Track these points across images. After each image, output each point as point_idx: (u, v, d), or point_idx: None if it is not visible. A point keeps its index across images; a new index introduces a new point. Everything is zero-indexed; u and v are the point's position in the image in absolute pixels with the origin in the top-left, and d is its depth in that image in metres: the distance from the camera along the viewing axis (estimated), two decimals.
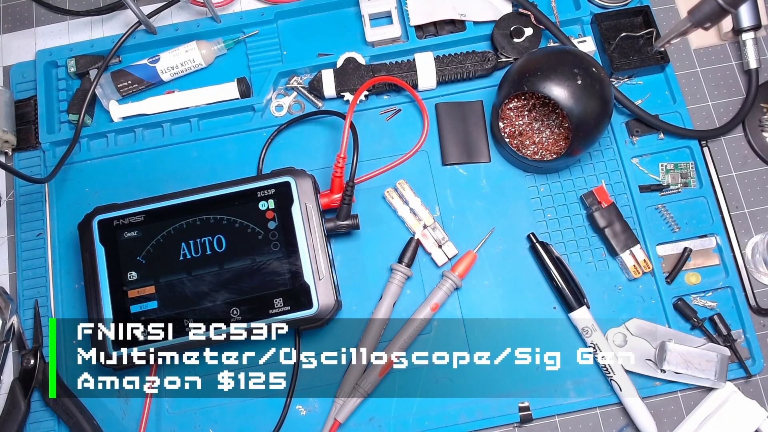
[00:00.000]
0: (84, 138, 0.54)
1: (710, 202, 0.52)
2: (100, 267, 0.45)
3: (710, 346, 0.48)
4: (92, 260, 0.45)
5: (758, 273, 0.51)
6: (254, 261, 0.45)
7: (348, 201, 0.48)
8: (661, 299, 0.50)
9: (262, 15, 0.56)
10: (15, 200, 0.54)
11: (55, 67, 0.57)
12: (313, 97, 0.55)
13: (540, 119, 0.52)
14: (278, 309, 0.44)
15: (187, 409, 0.48)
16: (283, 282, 0.45)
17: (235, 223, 0.46)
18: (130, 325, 0.44)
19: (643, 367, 0.48)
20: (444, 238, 0.50)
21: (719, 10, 0.43)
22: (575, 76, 0.45)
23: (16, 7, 0.60)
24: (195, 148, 0.54)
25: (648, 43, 0.54)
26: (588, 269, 0.51)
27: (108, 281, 0.45)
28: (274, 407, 0.48)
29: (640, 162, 0.53)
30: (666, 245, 0.51)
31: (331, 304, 0.44)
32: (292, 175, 0.47)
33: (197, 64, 0.55)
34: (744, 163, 0.54)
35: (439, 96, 0.54)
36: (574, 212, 0.52)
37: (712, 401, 0.47)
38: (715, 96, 0.55)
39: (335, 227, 0.47)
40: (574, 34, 0.56)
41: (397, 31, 0.55)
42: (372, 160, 0.53)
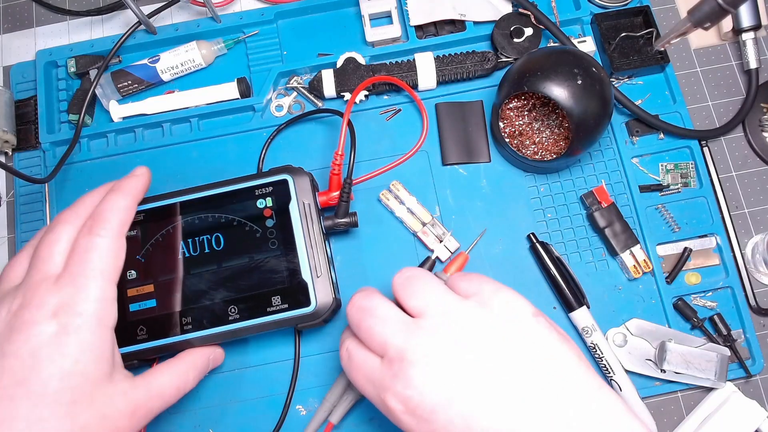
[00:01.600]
0: (84, 138, 0.54)
1: (710, 202, 0.52)
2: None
3: (710, 346, 0.48)
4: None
5: (758, 273, 0.51)
6: (252, 259, 0.45)
7: (346, 198, 0.48)
8: (661, 299, 0.50)
9: (262, 15, 0.56)
10: (15, 200, 0.54)
11: (55, 67, 0.57)
12: (313, 97, 0.55)
13: (540, 119, 0.52)
14: (276, 307, 0.44)
15: (187, 409, 0.48)
16: (281, 280, 0.45)
17: (233, 222, 0.46)
18: (128, 323, 0.44)
19: (643, 367, 0.48)
20: (444, 233, 0.50)
21: (719, 10, 0.43)
22: (575, 76, 0.45)
23: (16, 7, 0.60)
24: (195, 148, 0.54)
25: (648, 43, 0.54)
26: (588, 269, 0.51)
27: None
28: (274, 407, 0.48)
29: (640, 162, 0.53)
30: (666, 245, 0.51)
31: (329, 302, 0.44)
32: (289, 173, 0.47)
33: (197, 64, 0.55)
34: (744, 163, 0.54)
35: (439, 96, 0.54)
36: (574, 212, 0.52)
37: (712, 401, 0.47)
38: (715, 96, 0.55)
39: (334, 225, 0.48)
40: (574, 34, 0.56)
41: (397, 31, 0.55)
42: (372, 160, 0.53)
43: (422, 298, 0.36)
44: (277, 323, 0.44)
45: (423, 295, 0.36)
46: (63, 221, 0.40)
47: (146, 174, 0.44)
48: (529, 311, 0.35)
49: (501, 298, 0.36)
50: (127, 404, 0.38)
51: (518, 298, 0.36)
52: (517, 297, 0.36)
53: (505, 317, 0.35)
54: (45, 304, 0.36)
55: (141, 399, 0.39)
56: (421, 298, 0.36)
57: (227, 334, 0.44)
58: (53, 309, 0.36)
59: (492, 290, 0.36)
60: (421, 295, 0.36)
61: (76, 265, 0.37)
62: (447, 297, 0.36)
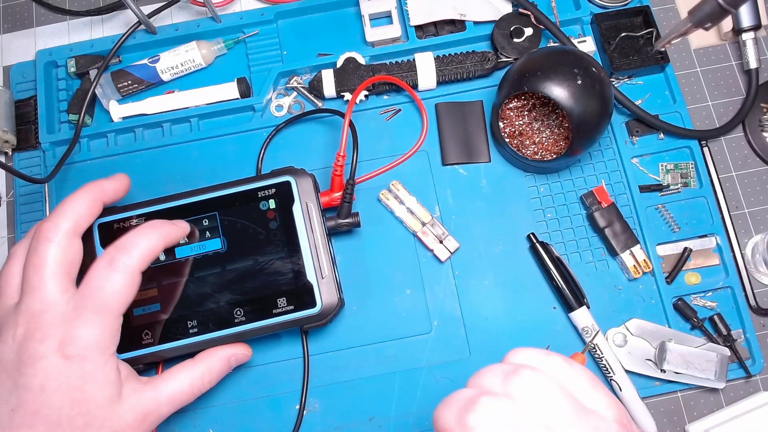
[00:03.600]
0: (84, 138, 0.54)
1: (710, 202, 0.52)
2: None
3: (710, 346, 0.48)
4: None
5: (758, 273, 0.51)
6: (256, 261, 0.45)
7: (349, 199, 0.48)
8: (661, 299, 0.50)
9: (262, 15, 0.56)
10: (15, 200, 0.54)
11: (55, 67, 0.57)
12: (313, 97, 0.55)
13: (540, 119, 0.52)
14: (282, 309, 0.44)
15: (187, 409, 0.48)
16: (286, 281, 0.45)
17: (237, 224, 0.46)
18: (133, 328, 0.44)
19: (643, 367, 0.48)
20: (444, 233, 0.50)
21: (719, 10, 0.43)
22: (575, 76, 0.45)
23: (16, 7, 0.60)
24: (195, 148, 0.54)
25: (648, 43, 0.54)
26: (588, 269, 0.51)
27: None
28: (274, 407, 0.48)
29: (640, 162, 0.53)
30: (666, 245, 0.51)
31: (334, 302, 0.44)
32: (292, 174, 0.47)
33: (197, 64, 0.55)
34: (744, 163, 0.54)
35: (439, 96, 0.54)
36: (574, 212, 0.52)
37: (751, 402, 0.47)
38: (715, 96, 0.55)
39: (336, 225, 0.48)
40: (574, 34, 0.56)
41: (397, 31, 0.55)
42: (372, 160, 0.53)
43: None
44: (283, 325, 0.44)
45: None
46: (45, 240, 0.39)
47: (185, 227, 0.44)
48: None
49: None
50: (137, 415, 0.39)
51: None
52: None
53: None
54: (49, 337, 0.37)
55: (151, 407, 0.40)
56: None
57: (233, 336, 0.44)
58: (58, 342, 0.37)
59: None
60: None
61: (87, 299, 0.37)
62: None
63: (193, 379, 0.42)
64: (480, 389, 0.28)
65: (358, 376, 0.49)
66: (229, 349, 0.44)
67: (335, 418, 0.48)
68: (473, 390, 0.28)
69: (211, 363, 0.43)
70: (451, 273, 0.50)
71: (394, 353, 0.49)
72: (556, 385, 0.27)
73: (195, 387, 0.42)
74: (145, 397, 0.40)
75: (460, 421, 0.26)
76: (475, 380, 0.29)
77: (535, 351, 0.30)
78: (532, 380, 0.27)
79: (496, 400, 0.26)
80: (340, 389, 0.48)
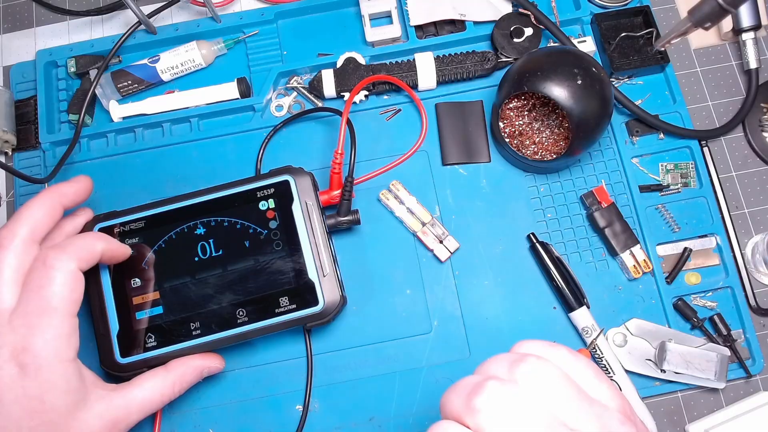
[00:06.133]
0: (84, 138, 0.54)
1: (710, 202, 0.52)
2: (103, 275, 0.45)
3: (710, 346, 0.48)
4: (95, 269, 0.45)
5: (758, 273, 0.51)
6: (258, 261, 0.45)
7: (348, 197, 0.48)
8: (661, 299, 0.50)
9: (262, 15, 0.56)
10: (15, 200, 0.54)
11: (55, 67, 0.57)
12: (313, 97, 0.55)
13: (540, 119, 0.52)
14: (284, 308, 0.44)
15: (187, 409, 0.48)
16: (288, 281, 0.45)
17: (237, 225, 0.46)
18: (136, 332, 0.44)
19: (643, 367, 0.48)
20: (444, 233, 0.50)
21: (719, 10, 0.43)
22: (575, 76, 0.45)
23: (16, 7, 0.60)
24: (195, 148, 0.54)
25: (648, 43, 0.54)
26: (588, 269, 0.51)
27: (111, 288, 0.45)
28: (274, 407, 0.48)
29: (640, 162, 0.53)
30: (666, 245, 0.51)
31: (336, 300, 0.44)
32: (290, 173, 0.47)
33: (197, 64, 0.55)
34: (744, 163, 0.54)
35: (439, 96, 0.54)
36: (574, 212, 0.52)
37: (751, 402, 0.47)
38: (715, 96, 0.55)
39: (336, 223, 0.48)
40: (574, 34, 0.56)
41: (397, 31, 0.55)
42: (371, 160, 0.53)
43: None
44: (285, 324, 0.44)
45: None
46: (0, 247, 0.38)
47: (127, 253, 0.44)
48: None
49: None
50: (105, 423, 0.38)
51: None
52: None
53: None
54: (2, 346, 0.36)
55: (120, 414, 0.39)
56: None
57: (236, 336, 0.44)
58: (10, 351, 0.36)
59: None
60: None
61: (30, 303, 0.36)
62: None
63: (164, 387, 0.41)
64: (487, 375, 0.28)
65: (358, 376, 0.49)
66: (202, 359, 0.44)
67: (335, 418, 0.48)
68: (480, 376, 0.29)
69: (184, 372, 0.43)
70: (451, 273, 0.50)
71: (394, 353, 0.49)
72: (561, 373, 0.27)
73: (165, 395, 0.42)
74: (114, 404, 0.39)
75: (467, 405, 0.27)
76: (482, 368, 0.30)
77: (541, 342, 0.30)
78: (538, 367, 0.27)
79: (503, 384, 0.27)
80: (340, 389, 0.48)
